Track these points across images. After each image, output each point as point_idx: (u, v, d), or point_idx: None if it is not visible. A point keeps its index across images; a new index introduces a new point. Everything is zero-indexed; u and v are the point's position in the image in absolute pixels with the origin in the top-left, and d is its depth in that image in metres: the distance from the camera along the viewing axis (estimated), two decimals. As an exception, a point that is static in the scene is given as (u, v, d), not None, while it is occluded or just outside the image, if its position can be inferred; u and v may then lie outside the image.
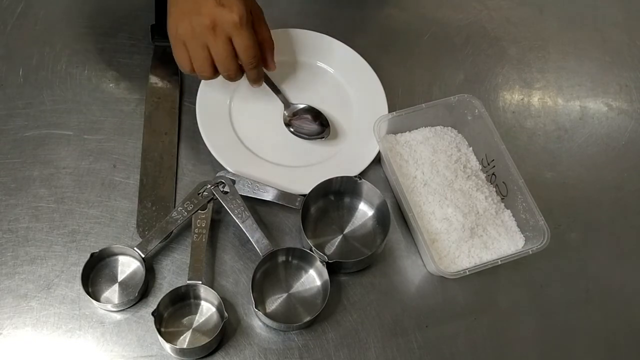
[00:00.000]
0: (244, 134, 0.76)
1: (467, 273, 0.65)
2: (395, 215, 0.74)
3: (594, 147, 0.83)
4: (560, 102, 0.86)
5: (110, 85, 0.78)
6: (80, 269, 0.64)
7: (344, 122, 0.78)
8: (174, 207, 0.71)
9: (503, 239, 0.71)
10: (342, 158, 0.75)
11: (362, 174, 0.73)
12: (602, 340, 0.71)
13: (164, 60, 0.79)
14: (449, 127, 0.79)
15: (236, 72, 0.68)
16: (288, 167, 0.74)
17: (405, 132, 0.77)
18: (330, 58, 0.82)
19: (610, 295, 0.73)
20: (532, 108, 0.85)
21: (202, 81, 0.76)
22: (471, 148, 0.78)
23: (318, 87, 0.81)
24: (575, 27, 0.93)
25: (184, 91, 0.79)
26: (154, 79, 0.78)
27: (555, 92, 0.87)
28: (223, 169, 0.72)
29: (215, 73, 0.67)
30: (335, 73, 0.82)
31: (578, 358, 0.70)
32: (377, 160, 0.76)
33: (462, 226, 0.71)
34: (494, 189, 0.75)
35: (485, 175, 0.76)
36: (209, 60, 0.65)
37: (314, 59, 0.82)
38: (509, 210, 0.73)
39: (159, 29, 0.80)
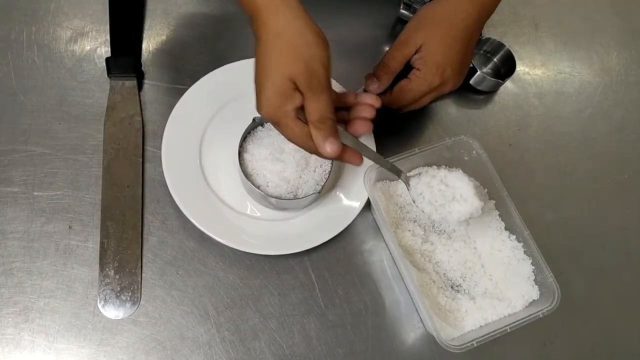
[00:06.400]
0: (217, 184, 0.67)
1: (475, 345, 0.59)
2: (391, 271, 0.68)
3: (596, 183, 0.78)
4: (560, 130, 0.80)
5: (62, 130, 0.68)
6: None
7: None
8: (141, 274, 0.63)
9: (512, 292, 0.65)
10: (330, 207, 0.68)
11: (352, 224, 0.67)
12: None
13: (123, 98, 0.70)
14: (444, 167, 0.72)
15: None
16: (269, 221, 0.67)
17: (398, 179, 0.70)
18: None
19: (618, 351, 0.69)
20: (530, 138, 0.79)
21: (168, 123, 0.68)
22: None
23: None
24: (572, 47, 0.87)
25: (147, 135, 0.70)
26: (111, 122, 0.69)
27: (554, 118, 0.81)
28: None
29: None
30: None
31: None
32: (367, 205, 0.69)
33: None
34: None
35: (484, 221, 0.70)
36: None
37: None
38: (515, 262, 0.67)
39: (116, 62, 0.70)
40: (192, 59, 0.74)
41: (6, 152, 0.66)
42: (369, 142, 0.70)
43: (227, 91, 0.71)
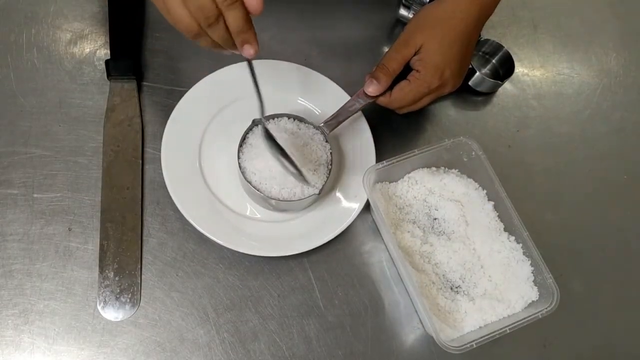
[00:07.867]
0: (217, 185, 0.67)
1: (474, 346, 0.59)
2: (391, 272, 0.68)
3: (596, 184, 0.77)
4: (559, 131, 0.80)
5: (62, 132, 0.68)
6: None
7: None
8: (140, 275, 0.63)
9: (511, 293, 0.65)
10: (330, 209, 0.68)
11: (351, 226, 0.67)
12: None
13: (122, 100, 0.70)
14: (443, 168, 0.72)
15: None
16: (269, 223, 0.67)
17: (398, 180, 0.70)
18: (314, 94, 0.74)
19: (618, 351, 0.68)
20: (529, 140, 0.79)
21: (167, 124, 0.68)
22: (467, 191, 0.71)
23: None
24: (571, 49, 0.87)
25: (147, 137, 0.70)
26: (111, 124, 0.69)
27: (553, 119, 0.81)
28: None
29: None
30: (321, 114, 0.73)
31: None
32: (367, 206, 0.69)
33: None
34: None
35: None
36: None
37: (296, 94, 0.74)
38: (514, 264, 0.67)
39: (115, 65, 0.71)
40: (191, 61, 0.74)
41: (6, 154, 0.66)
42: (369, 143, 0.70)
43: (226, 93, 0.71)
